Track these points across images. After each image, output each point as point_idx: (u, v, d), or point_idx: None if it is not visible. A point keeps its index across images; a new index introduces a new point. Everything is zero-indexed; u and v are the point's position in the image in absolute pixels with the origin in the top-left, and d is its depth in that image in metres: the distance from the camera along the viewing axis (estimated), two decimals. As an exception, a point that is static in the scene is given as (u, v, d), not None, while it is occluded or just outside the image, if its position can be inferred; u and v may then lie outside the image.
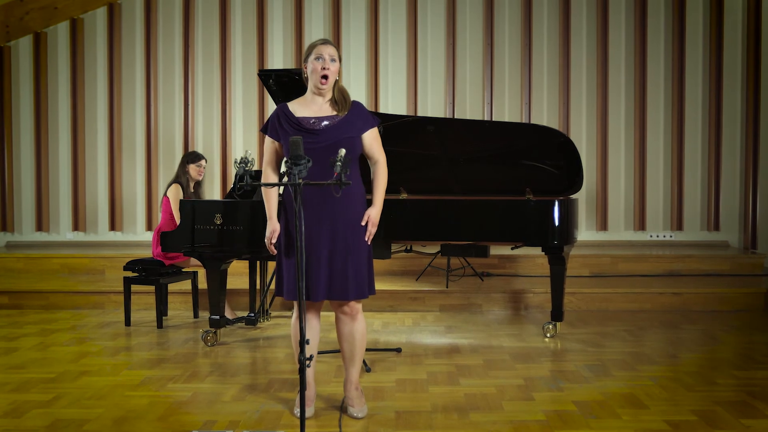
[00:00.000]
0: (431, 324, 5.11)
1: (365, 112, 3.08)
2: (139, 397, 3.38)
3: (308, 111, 3.02)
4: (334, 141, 2.91)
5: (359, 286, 2.97)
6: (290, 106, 3.06)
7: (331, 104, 3.03)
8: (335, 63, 2.99)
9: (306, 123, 2.98)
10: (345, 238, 2.95)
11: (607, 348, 4.36)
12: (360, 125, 3.02)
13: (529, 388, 3.50)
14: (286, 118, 3.01)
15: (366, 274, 3.00)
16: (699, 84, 7.66)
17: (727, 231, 7.65)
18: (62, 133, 8.10)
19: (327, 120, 2.99)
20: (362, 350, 3.13)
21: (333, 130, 2.96)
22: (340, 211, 2.95)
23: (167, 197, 5.11)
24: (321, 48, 2.98)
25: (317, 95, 3.03)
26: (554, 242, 4.45)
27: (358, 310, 3.07)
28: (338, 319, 3.10)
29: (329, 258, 2.94)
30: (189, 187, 5.17)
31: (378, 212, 3.03)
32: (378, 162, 3.08)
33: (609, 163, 7.75)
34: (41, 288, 5.86)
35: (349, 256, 2.95)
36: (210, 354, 4.27)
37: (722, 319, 5.23)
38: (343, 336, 3.10)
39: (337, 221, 2.95)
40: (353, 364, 3.12)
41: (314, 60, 2.98)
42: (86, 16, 8.08)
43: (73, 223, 8.09)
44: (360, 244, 2.98)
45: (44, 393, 3.45)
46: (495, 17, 7.81)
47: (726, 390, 3.45)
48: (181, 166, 5.19)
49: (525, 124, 7.37)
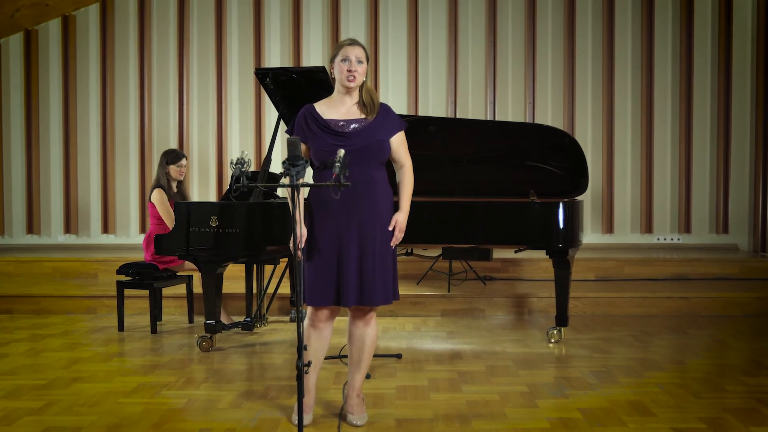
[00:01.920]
0: (432, 329, 5.12)
1: (393, 115, 3.10)
2: (132, 404, 3.39)
3: (336, 113, 3.03)
4: (364, 144, 2.94)
5: (386, 291, 2.99)
6: (317, 108, 3.06)
7: (359, 106, 3.04)
8: (362, 64, 3.00)
9: (335, 125, 2.99)
10: (374, 240, 2.96)
11: (612, 354, 4.36)
12: (388, 128, 3.04)
13: (533, 395, 3.50)
14: (314, 119, 3.01)
15: (392, 278, 3.03)
16: (707, 83, 7.68)
17: (736, 234, 7.65)
18: (54, 132, 8.11)
19: (356, 123, 3.00)
20: (370, 356, 3.13)
21: (363, 134, 2.98)
22: (370, 213, 2.96)
23: (152, 203, 5.09)
24: (348, 49, 2.98)
25: (345, 96, 3.04)
26: (559, 245, 4.46)
27: (373, 315, 3.08)
28: (352, 323, 3.11)
29: (359, 261, 2.95)
30: (171, 188, 5.16)
31: (405, 217, 3.05)
32: (404, 166, 3.10)
33: (615, 164, 7.76)
34: (32, 292, 5.86)
35: (378, 260, 2.96)
36: (205, 360, 4.28)
37: (731, 324, 5.23)
38: (354, 339, 3.11)
39: (366, 223, 2.96)
40: (359, 370, 3.13)
41: (341, 62, 2.98)
42: (78, 13, 8.09)
43: (65, 225, 8.10)
44: (387, 247, 3.00)
45: (35, 400, 3.45)
46: (498, 14, 7.83)
47: (735, 397, 3.46)
48: (160, 168, 5.14)
49: (529, 124, 7.39)
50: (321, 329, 3.09)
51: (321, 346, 3.11)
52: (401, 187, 3.10)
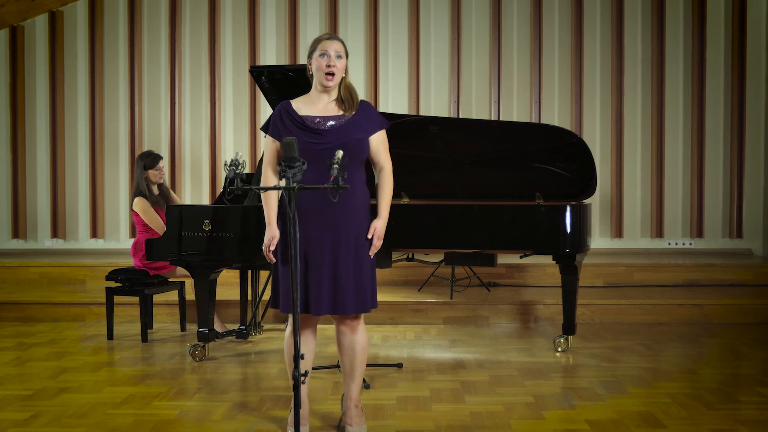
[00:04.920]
0: (434, 337, 5.12)
1: (374, 112, 3.09)
2: (122, 416, 3.39)
3: (313, 110, 3.03)
4: (340, 142, 2.91)
5: (361, 299, 2.98)
6: (293, 104, 3.07)
7: (338, 103, 3.04)
8: (341, 60, 3.00)
9: (311, 122, 2.99)
10: (348, 246, 2.96)
11: (622, 363, 4.37)
12: (368, 126, 3.03)
13: (539, 406, 3.50)
14: (290, 116, 3.02)
15: (369, 286, 3.01)
16: (720, 82, 7.69)
17: (750, 238, 7.66)
18: (40, 133, 8.12)
19: (333, 120, 3.00)
20: (363, 365, 3.13)
21: (340, 131, 2.97)
22: (344, 217, 2.95)
23: (135, 212, 5.08)
24: (326, 44, 2.99)
25: (322, 93, 3.04)
26: (566, 250, 4.47)
27: (359, 322, 3.08)
28: (338, 331, 3.11)
29: (332, 268, 2.95)
30: (153, 193, 5.16)
31: (384, 224, 3.04)
32: (384, 169, 3.08)
33: (624, 166, 7.77)
34: (18, 299, 5.87)
35: (352, 267, 2.96)
36: (198, 369, 4.28)
37: (745, 332, 5.24)
38: (343, 349, 3.11)
39: (340, 228, 2.95)
40: (353, 380, 3.13)
41: (319, 57, 2.99)
42: (66, 8, 8.11)
43: (52, 230, 8.11)
44: (363, 253, 3.00)
45: (21, 411, 3.45)
46: (503, 10, 7.84)
47: (750, 408, 3.46)
48: (138, 173, 5.11)
49: (535, 124, 7.40)
50: (304, 335, 3.09)
51: (307, 354, 3.11)
52: (380, 192, 3.07)
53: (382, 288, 6.18)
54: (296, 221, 2.64)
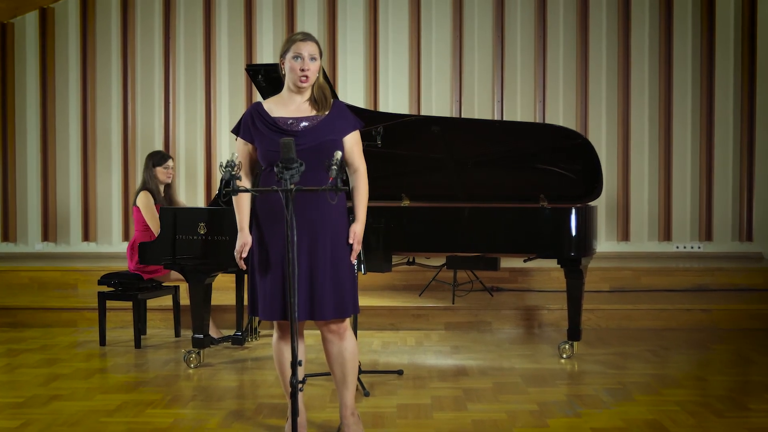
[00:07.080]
0: (436, 343, 5.13)
1: (347, 112, 3.09)
2: (115, 424, 3.40)
3: (285, 111, 3.04)
4: (314, 144, 2.93)
5: (340, 303, 2.98)
6: (265, 105, 3.07)
7: (311, 103, 3.05)
8: (315, 62, 2.99)
9: (283, 123, 3.00)
10: (325, 250, 2.96)
11: (628, 370, 4.37)
12: (342, 127, 3.04)
13: (544, 414, 3.51)
14: (261, 118, 3.03)
15: (349, 289, 3.01)
16: (730, 82, 7.70)
17: (760, 242, 7.66)
18: (30, 133, 8.13)
19: (306, 121, 3.01)
20: (354, 371, 3.14)
21: (313, 132, 2.97)
22: (320, 220, 2.96)
23: (137, 207, 5.10)
24: (300, 45, 2.97)
25: (295, 94, 3.04)
26: (571, 254, 4.47)
27: (345, 327, 3.07)
28: (325, 339, 3.10)
29: (309, 273, 2.95)
30: (159, 192, 5.17)
31: (362, 228, 3.05)
32: (358, 170, 3.09)
33: (631, 167, 7.77)
34: (8, 304, 5.87)
35: (330, 270, 2.96)
36: (193, 377, 4.29)
37: (755, 338, 5.24)
38: (332, 357, 3.11)
39: (316, 232, 2.95)
40: (346, 387, 3.12)
41: (292, 59, 2.98)
42: (57, 5, 8.12)
43: (43, 233, 8.11)
44: (342, 257, 3.00)
45: (11, 419, 3.46)
46: (506, 7, 7.86)
47: (759, 416, 3.46)
48: (146, 171, 5.15)
49: (539, 124, 7.41)
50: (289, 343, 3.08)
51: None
52: (355, 194, 3.07)
53: (382, 293, 6.21)
54: (293, 224, 2.64)
